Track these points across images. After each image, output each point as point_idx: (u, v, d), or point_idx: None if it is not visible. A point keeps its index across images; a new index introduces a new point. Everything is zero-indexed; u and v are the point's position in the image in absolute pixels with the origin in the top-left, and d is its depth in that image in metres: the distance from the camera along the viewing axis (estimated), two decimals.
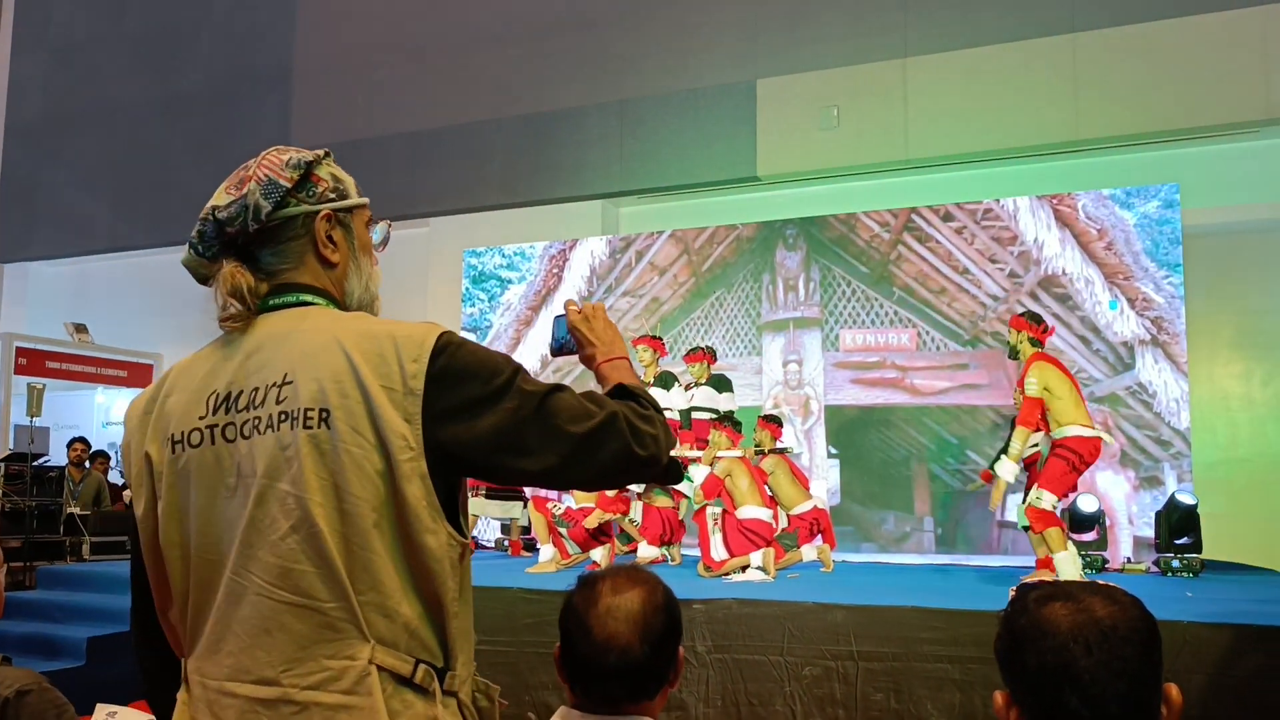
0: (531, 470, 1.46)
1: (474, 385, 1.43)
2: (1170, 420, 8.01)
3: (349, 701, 1.37)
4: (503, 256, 10.68)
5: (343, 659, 1.38)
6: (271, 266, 1.54)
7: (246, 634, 1.40)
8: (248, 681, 1.39)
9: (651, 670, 1.64)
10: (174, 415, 1.50)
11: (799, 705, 4.71)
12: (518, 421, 1.43)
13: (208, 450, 1.45)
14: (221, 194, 1.53)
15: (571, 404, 1.46)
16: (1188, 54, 7.58)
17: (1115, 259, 8.29)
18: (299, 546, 1.38)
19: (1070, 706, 1.20)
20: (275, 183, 1.53)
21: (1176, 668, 4.19)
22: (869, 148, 8.62)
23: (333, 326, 1.47)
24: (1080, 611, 1.24)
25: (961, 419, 8.75)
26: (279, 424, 1.41)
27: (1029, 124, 8.05)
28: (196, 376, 1.52)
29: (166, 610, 1.52)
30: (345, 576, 1.38)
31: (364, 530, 1.39)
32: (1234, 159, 8.26)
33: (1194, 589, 6.05)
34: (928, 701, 4.54)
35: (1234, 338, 8.38)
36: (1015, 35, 8.06)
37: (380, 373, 1.40)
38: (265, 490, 1.40)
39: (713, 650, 4.90)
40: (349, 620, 1.38)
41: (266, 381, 1.44)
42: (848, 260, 9.25)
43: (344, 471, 1.38)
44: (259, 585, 1.39)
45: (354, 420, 1.39)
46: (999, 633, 1.31)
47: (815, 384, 9.23)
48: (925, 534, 8.69)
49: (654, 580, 1.72)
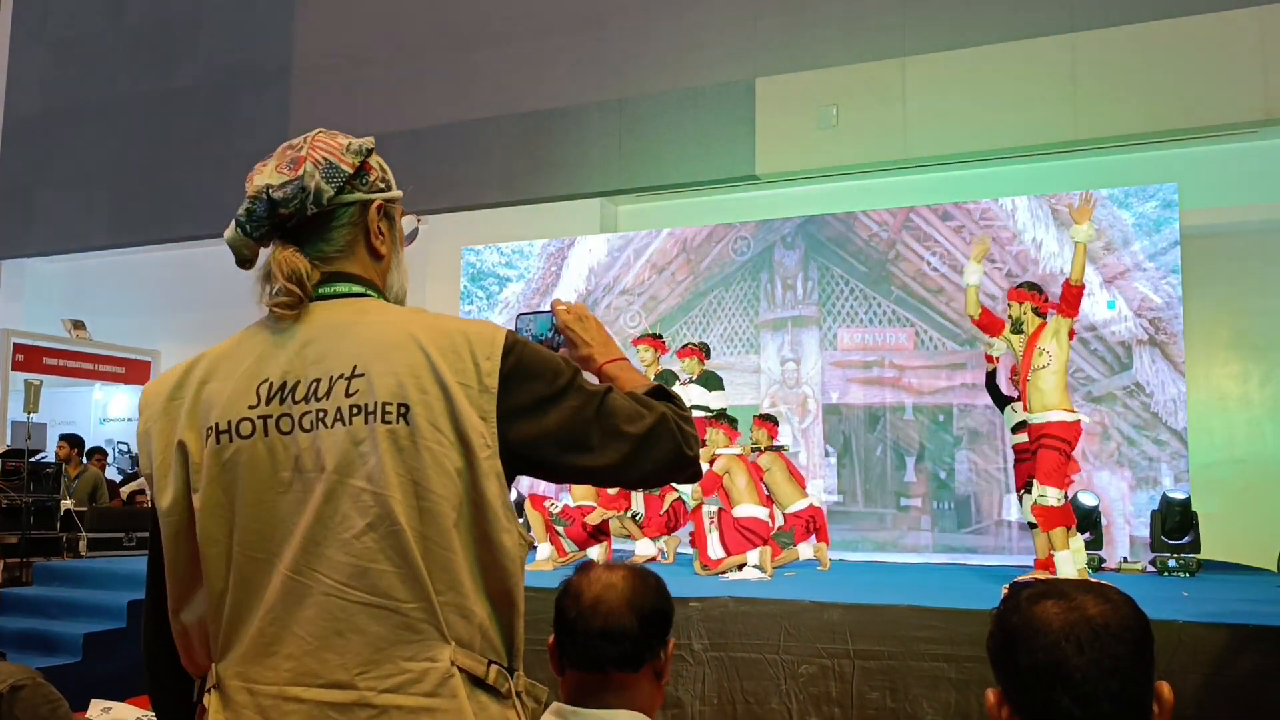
0: (593, 468, 1.47)
1: (540, 384, 1.44)
2: (1167, 420, 8.02)
3: (432, 704, 1.34)
4: (501, 254, 10.68)
5: (423, 660, 1.34)
6: (323, 254, 1.49)
7: (313, 636, 1.34)
8: (316, 685, 1.33)
9: (639, 641, 1.68)
10: (216, 403, 1.42)
11: (795, 703, 4.71)
12: (582, 420, 1.45)
13: (260, 442, 1.39)
14: (272, 173, 1.46)
15: (625, 404, 1.48)
16: (1186, 54, 7.58)
17: (1113, 259, 8.29)
18: (376, 545, 1.34)
19: (1062, 705, 1.20)
20: (337, 167, 1.48)
21: (1172, 667, 4.19)
22: (868, 147, 8.63)
23: (402, 320, 1.44)
24: (1072, 610, 1.24)
25: (959, 418, 8.75)
26: (350, 418, 1.37)
27: (1027, 123, 8.06)
28: (242, 363, 1.44)
29: (180, 610, 1.45)
30: (426, 576, 1.35)
31: (444, 529, 1.37)
32: (1232, 159, 8.27)
33: (1190, 589, 6.06)
34: (924, 700, 4.54)
35: (1231, 338, 8.38)
36: (1014, 35, 8.07)
37: (456, 369, 1.39)
38: (335, 486, 1.35)
39: (709, 648, 4.90)
40: (429, 621, 1.35)
41: (331, 373, 1.39)
42: (846, 259, 9.25)
43: (424, 469, 1.36)
44: (329, 585, 1.34)
45: (433, 416, 1.37)
46: (991, 631, 1.31)
47: (813, 383, 9.23)
48: (923, 533, 8.69)
49: (649, 571, 1.79)
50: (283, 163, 1.47)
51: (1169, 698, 1.24)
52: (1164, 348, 8.10)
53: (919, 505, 8.75)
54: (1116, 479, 8.09)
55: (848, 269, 9.24)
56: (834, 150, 8.70)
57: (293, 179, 1.45)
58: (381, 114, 10.22)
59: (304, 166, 1.45)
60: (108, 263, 13.05)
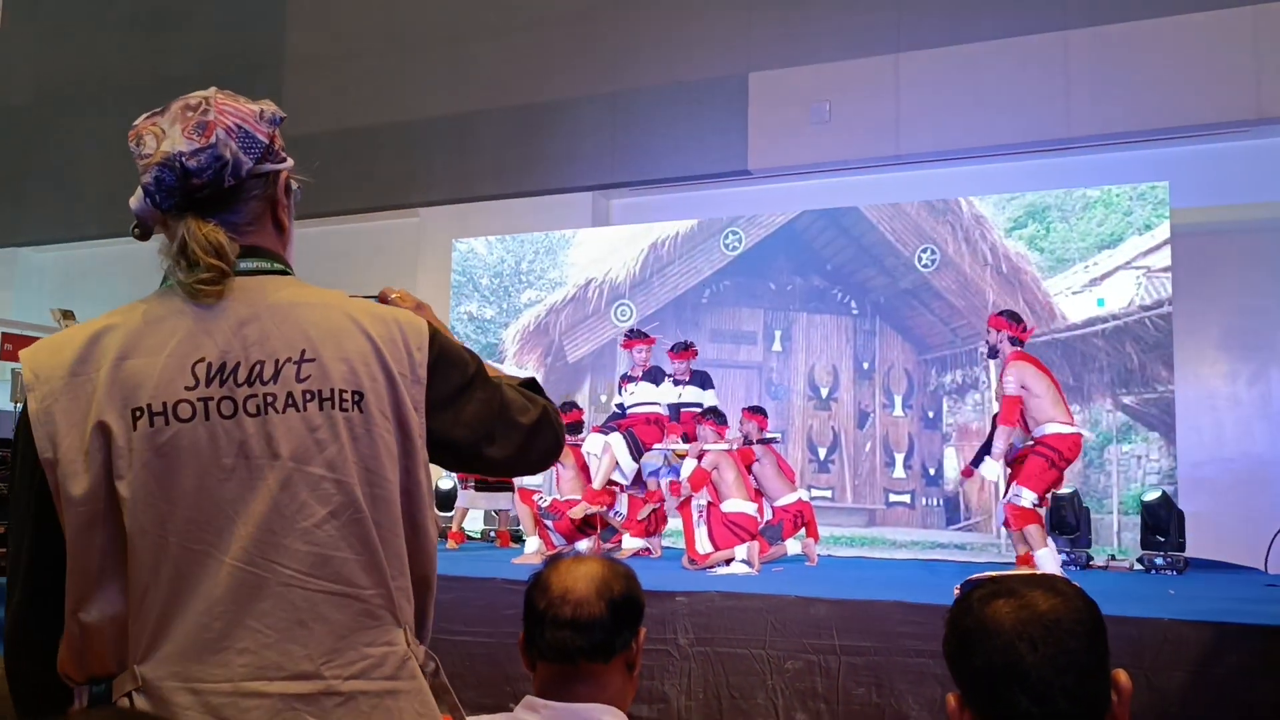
0: (495, 459, 1.50)
1: (457, 374, 1.46)
2: (1155, 418, 8.02)
3: (395, 687, 1.36)
4: (491, 247, 10.66)
5: (382, 645, 1.36)
6: (233, 226, 1.41)
7: (273, 628, 1.30)
8: (280, 678, 1.30)
9: (609, 630, 1.67)
10: (145, 382, 1.32)
11: (780, 698, 4.71)
12: (490, 412, 1.47)
13: (200, 426, 1.31)
14: (180, 138, 1.37)
15: (515, 396, 1.52)
16: (1179, 52, 7.58)
17: (1103, 257, 8.30)
18: (339, 533, 1.33)
19: (1020, 705, 1.19)
20: (253, 137, 1.42)
21: (1157, 664, 4.20)
22: (860, 143, 8.61)
23: (340, 303, 1.43)
24: (1023, 608, 1.23)
25: (948, 414, 8.75)
26: (304, 403, 1.34)
27: (1020, 121, 8.05)
28: (168, 340, 1.35)
29: (80, 609, 1.32)
30: (385, 563, 1.36)
31: (395, 516, 1.38)
32: (1224, 158, 8.26)
33: (1177, 586, 6.07)
34: (909, 695, 4.54)
35: (1221, 337, 8.39)
36: (1007, 32, 8.06)
37: (395, 358, 1.40)
38: (292, 474, 1.32)
39: (695, 643, 4.90)
40: (386, 607, 1.37)
41: (276, 355, 1.35)
42: (837, 254, 9.24)
43: (378, 456, 1.37)
44: (288, 575, 1.31)
45: (381, 404, 1.38)
46: (945, 634, 1.30)
47: (801, 378, 9.22)
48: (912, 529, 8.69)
49: (618, 561, 1.79)
50: (188, 126, 1.38)
51: (1127, 686, 1.24)
52: (1153, 346, 8.10)
53: (907, 501, 8.75)
54: (1104, 476, 8.10)
55: (838, 264, 9.23)
56: (827, 146, 8.68)
57: (205, 146, 1.37)
58: (373, 105, 10.18)
59: (215, 133, 1.38)
60: (98, 253, 12.99)
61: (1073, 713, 1.20)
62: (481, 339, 10.43)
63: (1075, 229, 8.41)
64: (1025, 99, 7.98)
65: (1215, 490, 7.91)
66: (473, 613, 5.26)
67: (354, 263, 10.49)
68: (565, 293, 10.24)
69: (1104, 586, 5.93)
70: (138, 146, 1.40)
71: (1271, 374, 7.99)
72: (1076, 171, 8.69)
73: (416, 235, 10.93)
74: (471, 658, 5.16)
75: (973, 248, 8.73)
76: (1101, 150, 8.52)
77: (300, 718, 1.30)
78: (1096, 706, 1.22)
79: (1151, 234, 8.16)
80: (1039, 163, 8.79)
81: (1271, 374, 7.99)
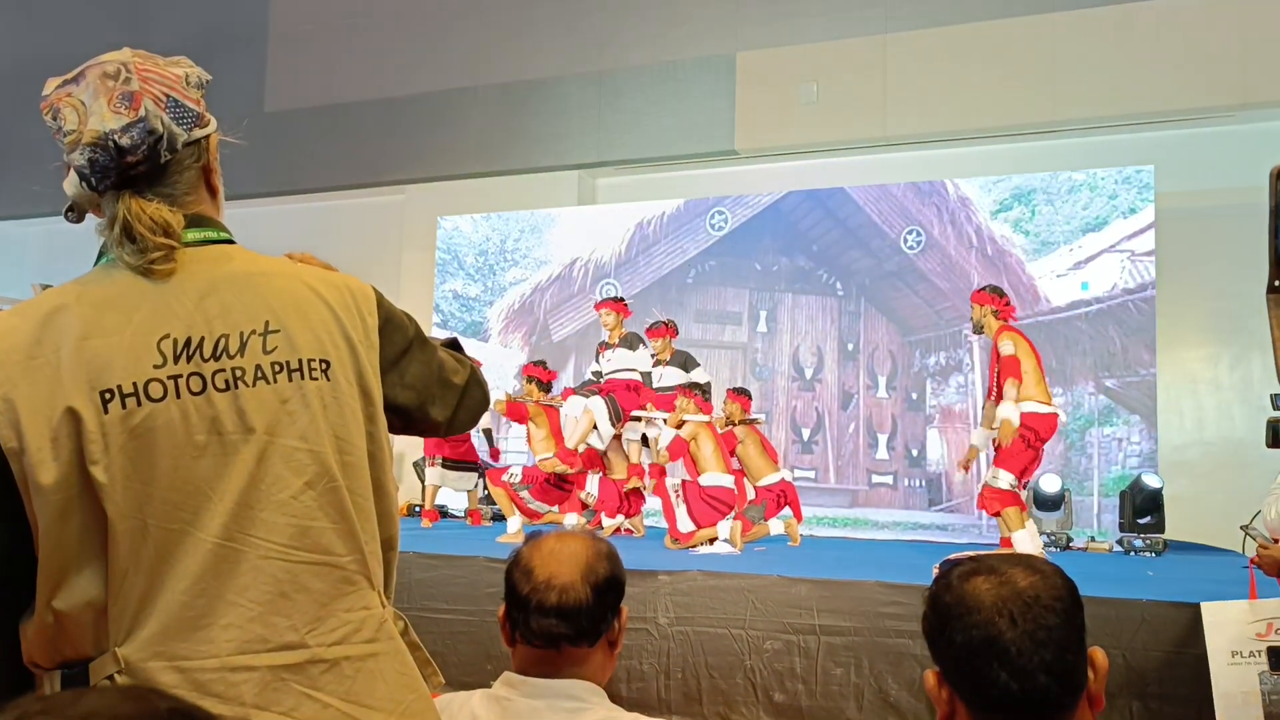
0: (436, 420, 1.54)
1: (400, 336, 1.49)
2: (1137, 401, 8.07)
3: (375, 649, 1.38)
4: (476, 225, 10.61)
5: (359, 610, 1.38)
6: (171, 197, 1.37)
7: (256, 601, 1.30)
8: (267, 651, 1.30)
9: (593, 613, 1.65)
10: (110, 364, 1.28)
11: (759, 678, 4.73)
12: (429, 372, 1.52)
13: (172, 404, 1.28)
14: (107, 113, 1.31)
15: (447, 357, 1.56)
16: (1165, 37, 7.58)
17: (1088, 240, 8.31)
18: (316, 503, 1.34)
19: (999, 680, 1.20)
20: (183, 105, 1.37)
21: (1135, 645, 4.23)
22: (848, 124, 8.60)
23: (295, 272, 1.43)
24: (1003, 584, 1.25)
25: (931, 396, 8.77)
26: (274, 375, 1.33)
27: (1006, 103, 8.05)
28: (130, 317, 1.31)
29: (54, 597, 1.28)
30: (359, 529, 1.38)
31: (364, 482, 1.40)
32: (1209, 143, 8.28)
33: (1156, 568, 6.11)
34: (888, 675, 4.56)
35: (1203, 321, 8.43)
36: (994, 14, 8.06)
37: (354, 324, 1.42)
38: (267, 447, 1.31)
39: (675, 623, 4.90)
40: (361, 572, 1.39)
41: (240, 328, 1.33)
42: (823, 236, 9.23)
43: (346, 424, 1.38)
44: (268, 548, 1.31)
45: (346, 371, 1.39)
46: (925, 612, 1.31)
47: (786, 360, 9.23)
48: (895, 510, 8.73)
49: (600, 539, 1.77)
50: (113, 98, 1.32)
51: (1103, 663, 1.25)
52: (1136, 329, 8.14)
53: (890, 482, 8.78)
54: (1085, 459, 8.14)
55: (824, 245, 9.23)
56: (814, 127, 8.67)
57: (135, 121, 1.32)
58: (359, 82, 10.11)
59: (143, 104, 1.32)
60: (78, 226, 12.83)
61: (1051, 687, 1.21)
62: (466, 317, 10.41)
63: (1060, 212, 8.42)
64: (1012, 82, 7.99)
65: (1195, 473, 7.96)
66: (455, 590, 5.26)
67: (338, 240, 10.44)
68: (550, 271, 10.21)
69: (1083, 568, 5.97)
70: (55, 120, 1.34)
71: (1253, 358, 8.03)
72: (1062, 155, 8.70)
73: (401, 212, 10.87)
74: (454, 636, 5.16)
75: (958, 230, 8.74)
76: (1087, 134, 8.53)
77: (289, 687, 1.30)
78: (1074, 682, 1.23)
79: (1136, 218, 8.18)
80: (1025, 145, 8.79)
81: (1253, 358, 8.03)
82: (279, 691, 1.30)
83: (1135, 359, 8.11)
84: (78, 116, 1.33)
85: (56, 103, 1.35)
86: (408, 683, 1.42)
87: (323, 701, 1.32)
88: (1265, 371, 7.65)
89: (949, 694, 1.26)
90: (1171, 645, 4.21)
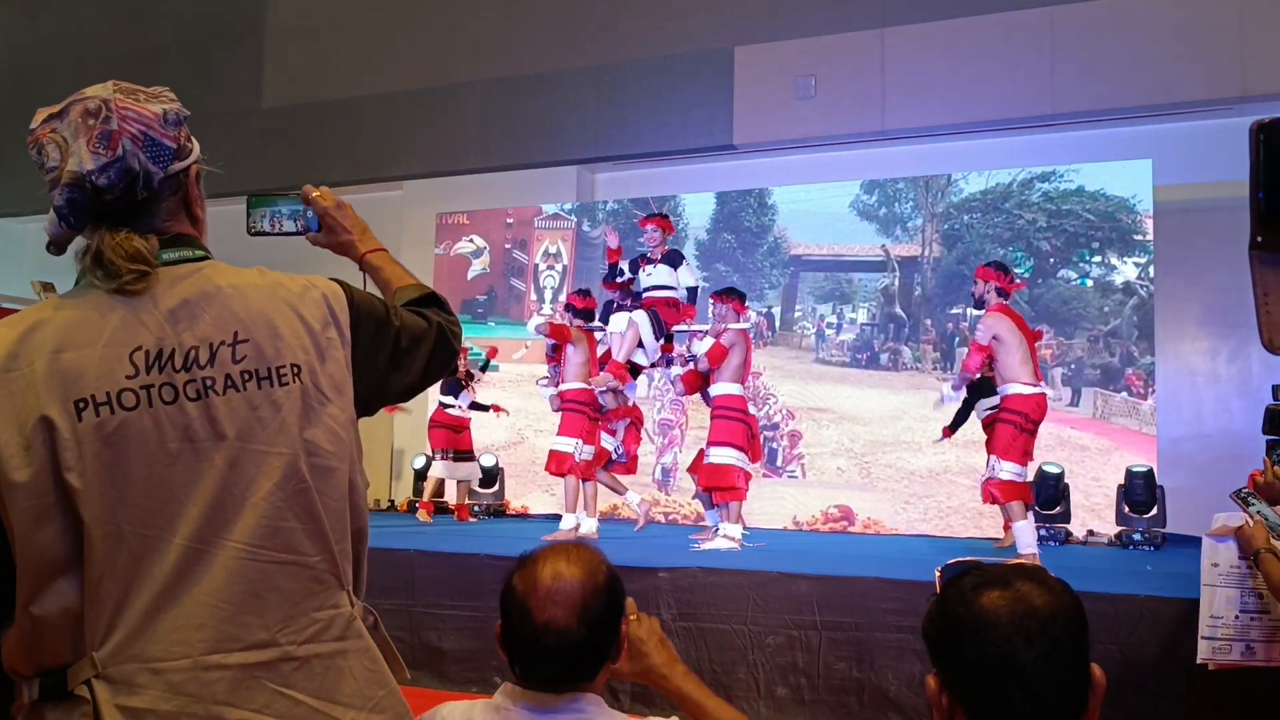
0: (406, 384, 1.59)
1: (371, 324, 1.53)
2: (1136, 394, 8.08)
3: (344, 647, 1.42)
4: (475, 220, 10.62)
5: (329, 609, 1.42)
6: (150, 225, 1.43)
7: (227, 601, 1.33)
8: (238, 650, 1.33)
9: (591, 650, 1.64)
10: (85, 374, 1.33)
11: (762, 673, 4.75)
12: (399, 350, 1.56)
13: (145, 413, 1.33)
14: (85, 154, 1.36)
15: (412, 320, 1.59)
16: (1164, 29, 7.58)
17: (1087, 234, 8.33)
18: (285, 504, 1.38)
19: (1013, 700, 1.20)
20: (159, 144, 1.41)
21: (1133, 640, 4.26)
22: (845, 118, 8.59)
23: (264, 281, 1.47)
24: (1018, 601, 1.24)
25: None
26: (243, 383, 1.38)
27: (1005, 97, 8.05)
28: (102, 331, 1.36)
29: (32, 602, 1.31)
30: (329, 529, 1.42)
31: (336, 483, 1.44)
32: (1208, 136, 8.27)
33: (1154, 562, 6.14)
34: (889, 671, 4.59)
35: (1202, 314, 8.44)
36: (993, 7, 8.04)
37: (324, 326, 1.46)
38: (239, 453, 1.36)
39: (678, 619, 4.93)
40: (331, 571, 1.43)
41: (209, 340, 1.38)
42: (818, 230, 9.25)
43: (315, 427, 1.42)
44: (239, 549, 1.35)
45: (315, 376, 1.43)
46: (932, 617, 1.31)
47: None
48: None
49: (595, 560, 1.69)
50: (92, 138, 1.37)
51: (1101, 681, 1.26)
52: (1135, 323, 8.15)
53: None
54: (1084, 452, 8.16)
55: (820, 239, 9.25)
56: (811, 121, 8.66)
57: (112, 161, 1.37)
58: (356, 77, 10.09)
59: (120, 144, 1.37)
60: None
61: (1061, 707, 1.22)
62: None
63: (1058, 206, 8.43)
64: (1011, 75, 7.98)
65: (1194, 466, 7.97)
66: (460, 586, 5.29)
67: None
68: (556, 264, 10.22)
69: (1082, 562, 5.99)
70: (39, 155, 1.39)
71: (1251, 351, 8.04)
72: (1061, 148, 8.70)
73: (400, 208, 10.86)
74: (458, 633, 5.19)
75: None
76: (1086, 127, 8.53)
77: (261, 685, 1.35)
78: (1080, 701, 1.24)
79: (1135, 210, 8.19)
80: (1024, 139, 8.79)
81: (1251, 351, 8.04)
82: (251, 689, 1.34)
83: (1134, 352, 8.13)
84: (59, 153, 1.37)
85: (41, 138, 1.39)
86: (377, 679, 1.46)
87: (294, 699, 1.37)
88: (1264, 364, 7.68)
89: (949, 702, 1.27)
90: (1169, 640, 4.23)
